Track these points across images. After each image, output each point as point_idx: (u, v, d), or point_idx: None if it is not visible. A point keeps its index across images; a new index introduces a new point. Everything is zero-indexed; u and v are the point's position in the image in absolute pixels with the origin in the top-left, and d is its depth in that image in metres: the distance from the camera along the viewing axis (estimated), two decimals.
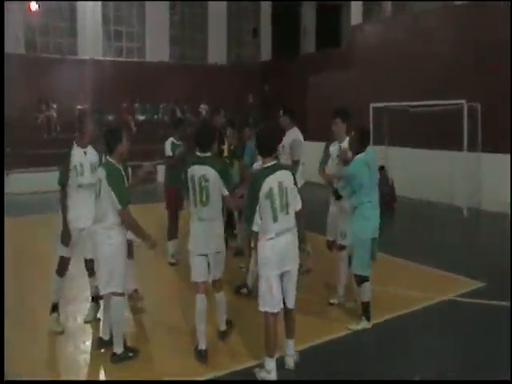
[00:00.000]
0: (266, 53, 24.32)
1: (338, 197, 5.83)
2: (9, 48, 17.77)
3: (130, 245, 5.30)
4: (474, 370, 4.59)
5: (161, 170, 15.81)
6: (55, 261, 5.34)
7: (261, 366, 4.48)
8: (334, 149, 6.05)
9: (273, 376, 4.38)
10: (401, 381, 4.40)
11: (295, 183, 4.45)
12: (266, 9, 23.87)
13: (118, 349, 4.68)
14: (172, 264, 7.59)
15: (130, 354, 4.74)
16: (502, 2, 11.60)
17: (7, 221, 8.23)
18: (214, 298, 4.97)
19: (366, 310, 5.43)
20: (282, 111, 7.56)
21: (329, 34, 22.22)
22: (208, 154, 4.85)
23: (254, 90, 22.29)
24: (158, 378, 4.49)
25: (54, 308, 5.37)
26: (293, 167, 6.73)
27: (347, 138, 5.86)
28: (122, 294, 4.71)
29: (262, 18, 24.08)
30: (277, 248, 4.30)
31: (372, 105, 13.31)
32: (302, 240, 4.65)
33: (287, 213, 4.35)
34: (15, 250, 8.15)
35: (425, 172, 12.35)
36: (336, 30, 22.57)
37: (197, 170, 4.79)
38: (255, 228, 4.38)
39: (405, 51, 13.97)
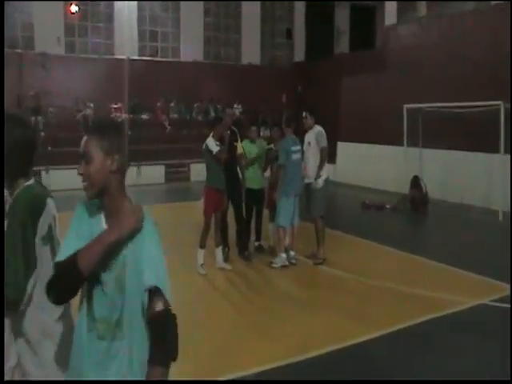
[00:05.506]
0: (299, 53, 24.34)
1: None
2: (48, 48, 18.27)
3: None
4: (504, 375, 4.56)
5: (194, 169, 16.16)
6: None
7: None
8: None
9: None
10: (401, 381, 4.38)
11: None
12: (299, 10, 23.90)
13: None
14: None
15: None
16: None
17: None
18: None
19: None
20: (305, 113, 7.81)
21: (363, 35, 22.10)
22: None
23: (287, 91, 22.35)
24: None
25: None
26: (322, 154, 7.22)
27: None
28: None
29: (295, 19, 24.10)
30: None
31: (406, 106, 13.14)
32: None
33: None
34: None
35: (460, 174, 12.19)
36: (370, 31, 22.42)
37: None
38: None
39: (439, 52, 13.81)
